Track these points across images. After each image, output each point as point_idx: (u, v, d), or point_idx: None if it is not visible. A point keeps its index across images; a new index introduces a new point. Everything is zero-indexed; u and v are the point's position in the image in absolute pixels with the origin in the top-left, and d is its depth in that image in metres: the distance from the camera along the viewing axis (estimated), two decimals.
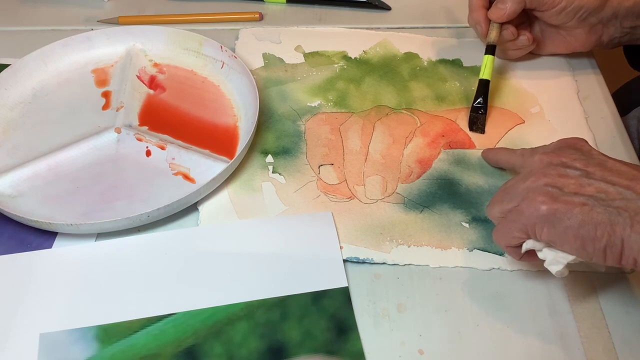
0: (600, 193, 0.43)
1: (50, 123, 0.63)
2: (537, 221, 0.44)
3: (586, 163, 0.45)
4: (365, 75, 0.68)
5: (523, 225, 0.45)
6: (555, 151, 0.47)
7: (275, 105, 0.65)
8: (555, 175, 0.45)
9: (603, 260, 0.43)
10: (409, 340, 0.49)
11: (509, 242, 0.47)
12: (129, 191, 0.57)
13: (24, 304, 0.50)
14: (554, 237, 0.44)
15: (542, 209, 0.43)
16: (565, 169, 0.45)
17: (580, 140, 0.48)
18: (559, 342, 0.49)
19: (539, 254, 0.47)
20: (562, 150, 0.47)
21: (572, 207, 0.43)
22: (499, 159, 0.58)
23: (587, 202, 0.42)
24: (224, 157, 0.59)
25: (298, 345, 0.48)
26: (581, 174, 0.44)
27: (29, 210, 0.55)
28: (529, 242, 0.46)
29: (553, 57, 0.70)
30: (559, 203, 0.43)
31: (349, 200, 0.57)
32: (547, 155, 0.47)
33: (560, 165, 0.46)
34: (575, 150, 0.47)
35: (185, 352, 0.48)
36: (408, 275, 0.52)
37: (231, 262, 0.52)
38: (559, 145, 0.49)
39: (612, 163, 0.45)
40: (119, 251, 0.53)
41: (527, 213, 0.44)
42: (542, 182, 0.45)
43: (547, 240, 0.44)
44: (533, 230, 0.44)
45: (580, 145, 0.48)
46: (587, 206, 0.42)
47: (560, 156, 0.46)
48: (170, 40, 0.69)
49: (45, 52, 0.66)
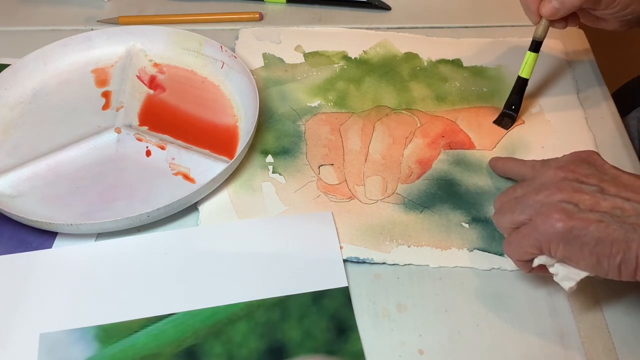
0: (615, 209, 0.43)
1: (50, 123, 0.63)
2: (552, 238, 0.43)
3: (600, 178, 0.45)
4: (365, 75, 0.68)
5: (537, 241, 0.44)
6: (569, 165, 0.47)
7: (275, 105, 0.65)
8: (571, 191, 0.44)
9: (618, 276, 0.43)
10: (409, 340, 0.49)
11: (521, 257, 0.47)
12: (129, 191, 0.57)
13: (24, 304, 0.50)
14: (570, 254, 0.44)
15: (558, 226, 0.43)
16: (580, 185, 0.44)
17: (592, 154, 0.48)
18: (559, 342, 0.49)
19: (550, 269, 0.46)
20: (575, 164, 0.47)
21: (588, 224, 0.42)
22: (509, 169, 0.57)
23: (603, 218, 0.42)
24: (224, 157, 0.59)
25: (298, 345, 0.48)
26: (596, 190, 0.44)
27: (29, 210, 0.55)
28: (542, 257, 0.46)
29: (553, 57, 0.70)
30: (575, 220, 0.43)
31: (349, 201, 0.57)
32: (561, 169, 0.46)
33: (575, 180, 0.45)
34: (589, 164, 0.46)
35: (185, 352, 0.48)
36: (408, 275, 0.52)
37: (231, 262, 0.52)
38: (571, 159, 0.48)
39: (626, 177, 0.45)
40: (119, 251, 0.53)
41: (542, 229, 0.44)
42: (557, 198, 0.44)
43: (562, 257, 0.44)
44: (548, 246, 0.44)
45: (593, 159, 0.47)
46: (603, 223, 0.42)
47: (575, 171, 0.46)
48: (170, 40, 0.69)
49: (45, 52, 0.66)
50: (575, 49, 0.71)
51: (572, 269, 0.45)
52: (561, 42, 0.72)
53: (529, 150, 0.61)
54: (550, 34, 0.72)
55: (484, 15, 0.76)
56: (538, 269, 0.47)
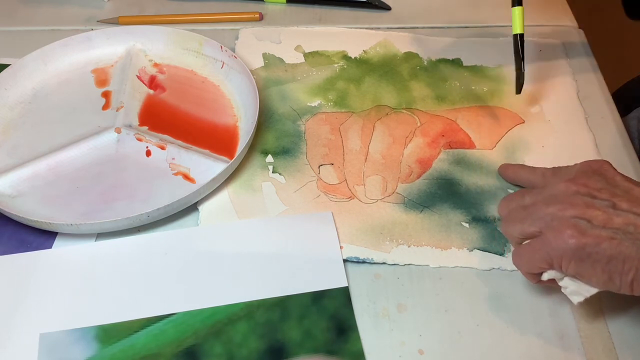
0: (628, 225, 0.42)
1: (50, 123, 0.63)
2: (564, 254, 0.43)
3: (612, 193, 0.44)
4: (365, 74, 0.68)
5: (548, 256, 0.44)
6: (581, 178, 0.46)
7: (275, 105, 0.65)
8: (583, 206, 0.44)
9: (630, 291, 0.43)
10: (409, 340, 0.49)
11: (530, 270, 0.47)
12: (129, 191, 0.57)
13: (24, 304, 0.50)
14: (581, 271, 0.43)
15: (571, 243, 0.43)
16: (592, 200, 0.44)
17: (604, 164, 0.47)
18: (559, 342, 0.49)
19: (560, 282, 0.46)
20: (587, 176, 0.46)
21: (600, 241, 0.42)
22: (519, 177, 0.57)
23: (615, 235, 0.42)
24: (224, 157, 0.59)
25: (298, 345, 0.48)
26: (608, 205, 0.44)
27: (29, 210, 0.55)
28: (551, 272, 0.46)
29: (553, 57, 0.70)
30: (588, 237, 0.42)
31: (349, 200, 0.57)
32: (573, 183, 0.46)
33: (587, 195, 0.45)
34: (600, 176, 0.46)
35: (185, 352, 0.48)
36: (408, 275, 0.52)
37: (231, 262, 0.52)
38: (583, 169, 0.47)
39: (638, 191, 0.45)
40: (119, 251, 0.53)
41: (554, 244, 0.43)
42: (569, 214, 0.44)
43: (574, 273, 0.44)
44: (559, 262, 0.44)
45: (604, 170, 0.47)
46: (615, 240, 0.42)
47: (587, 185, 0.45)
48: (170, 40, 0.69)
49: (45, 52, 0.66)
50: (575, 49, 0.71)
51: (582, 285, 0.45)
52: (561, 42, 0.72)
53: (529, 149, 0.61)
54: (551, 34, 0.73)
55: (484, 15, 0.76)
56: (547, 281, 0.47)
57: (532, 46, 0.71)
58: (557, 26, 0.74)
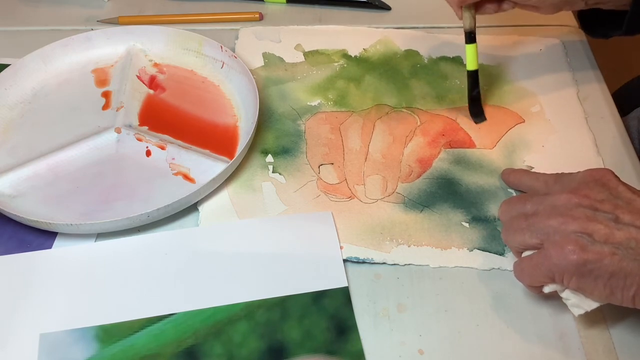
0: (630, 241, 0.42)
1: (50, 123, 0.63)
2: (565, 270, 0.43)
3: (615, 204, 0.44)
4: (366, 73, 0.68)
5: (549, 271, 0.44)
6: (583, 189, 0.46)
7: (275, 104, 0.65)
8: (584, 220, 0.44)
9: (632, 305, 0.43)
10: (409, 340, 0.49)
11: (533, 284, 0.47)
12: (129, 191, 0.57)
13: (24, 304, 0.50)
14: (583, 286, 0.44)
15: (572, 259, 0.43)
16: (594, 213, 0.44)
17: (607, 174, 0.47)
18: (559, 342, 0.49)
19: (561, 294, 0.46)
20: (589, 187, 0.46)
21: (602, 257, 0.42)
22: (522, 183, 0.56)
23: (617, 251, 0.42)
24: (224, 157, 0.59)
25: (298, 345, 0.48)
26: (610, 218, 0.43)
27: (29, 210, 0.55)
28: (553, 285, 0.46)
29: (553, 57, 0.70)
30: (589, 253, 0.42)
31: (349, 200, 0.57)
32: (575, 194, 0.45)
33: (589, 207, 0.44)
34: (603, 187, 0.46)
35: (185, 352, 0.48)
36: (408, 275, 0.52)
37: (231, 262, 0.52)
38: (585, 179, 0.47)
39: None
40: (119, 251, 0.53)
41: (555, 260, 0.43)
42: (571, 228, 0.44)
43: (575, 288, 0.44)
44: (561, 277, 0.44)
45: (607, 180, 0.46)
46: (617, 256, 0.42)
47: (588, 196, 0.45)
48: (170, 40, 0.69)
49: (45, 52, 0.66)
50: (575, 48, 0.71)
51: (584, 299, 0.45)
52: (561, 42, 0.72)
53: (529, 149, 0.61)
54: (551, 34, 0.73)
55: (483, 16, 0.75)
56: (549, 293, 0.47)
57: (532, 46, 0.71)
58: (557, 26, 0.74)
